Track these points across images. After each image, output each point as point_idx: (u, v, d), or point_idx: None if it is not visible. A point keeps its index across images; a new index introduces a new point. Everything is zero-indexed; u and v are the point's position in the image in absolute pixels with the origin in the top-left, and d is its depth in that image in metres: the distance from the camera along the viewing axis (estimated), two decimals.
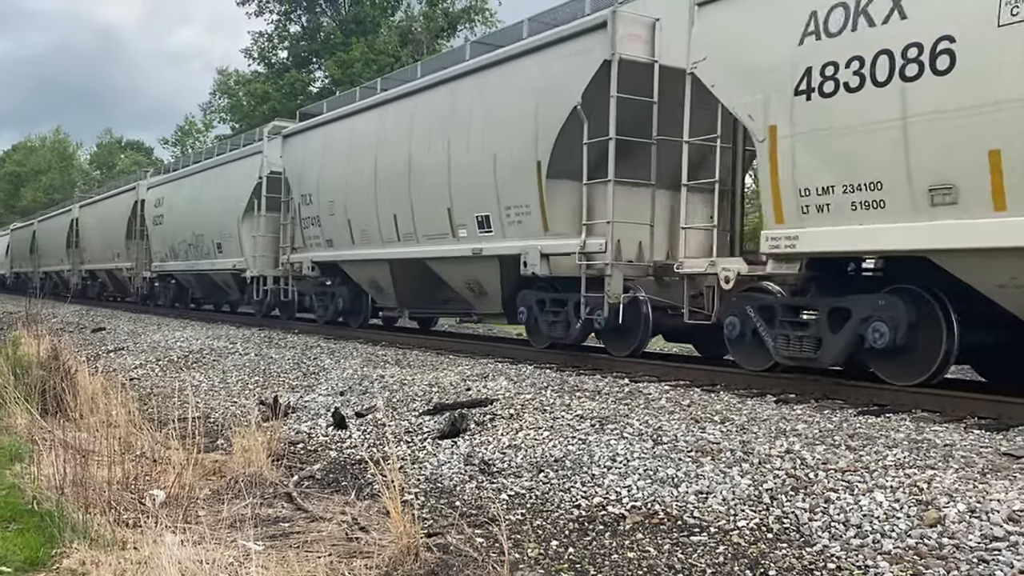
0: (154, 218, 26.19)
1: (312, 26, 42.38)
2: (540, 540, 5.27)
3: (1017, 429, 6.69)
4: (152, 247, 26.36)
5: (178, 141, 68.98)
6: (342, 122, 16.45)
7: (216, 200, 21.81)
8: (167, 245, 25.05)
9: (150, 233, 26.55)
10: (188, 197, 23.79)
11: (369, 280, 16.08)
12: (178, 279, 25.26)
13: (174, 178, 25.79)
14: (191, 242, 23.11)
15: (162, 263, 25.72)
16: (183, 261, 24.06)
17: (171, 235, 24.74)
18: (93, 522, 5.20)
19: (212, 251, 21.87)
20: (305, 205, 17.48)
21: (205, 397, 10.99)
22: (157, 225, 25.92)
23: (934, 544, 4.47)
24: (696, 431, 6.81)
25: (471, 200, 12.67)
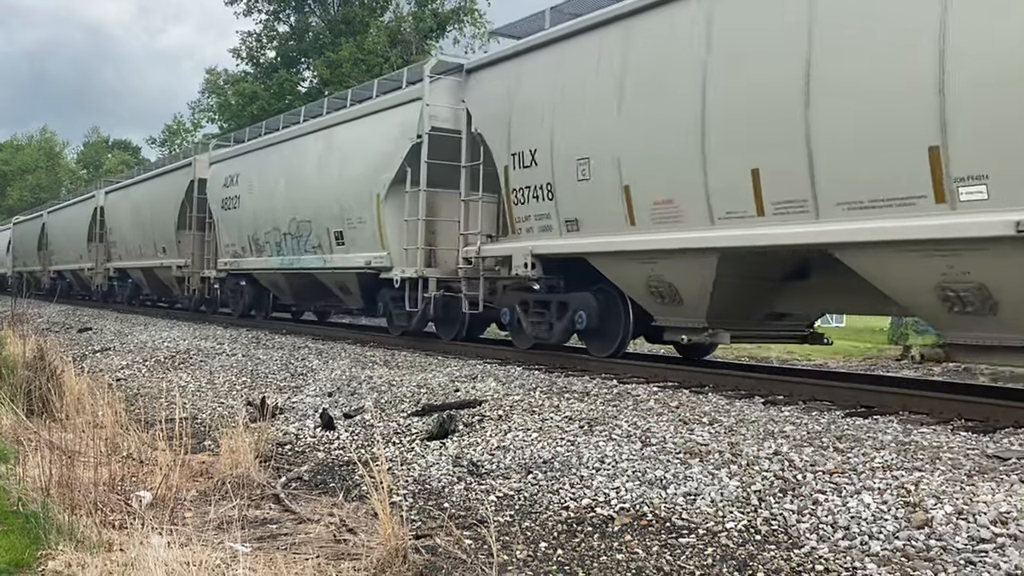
0: (223, 202, 20.71)
1: (301, 26, 42.22)
2: (529, 542, 5.27)
3: (1003, 431, 6.72)
4: (221, 240, 20.93)
5: (166, 141, 68.71)
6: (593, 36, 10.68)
7: (338, 173, 15.72)
8: (244, 237, 19.69)
9: (218, 221, 21.08)
10: (285, 171, 17.86)
11: None
12: (258, 280, 19.81)
13: (256, 147, 19.59)
14: (289, 231, 17.49)
15: (236, 259, 20.12)
16: (273, 257, 18.39)
17: (251, 223, 19.25)
18: (79, 524, 5.16)
19: (326, 243, 16.17)
20: (520, 169, 11.76)
21: (192, 398, 10.95)
22: (228, 211, 20.39)
23: (921, 546, 4.49)
24: (684, 432, 6.82)
25: None
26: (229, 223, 20.50)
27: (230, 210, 20.32)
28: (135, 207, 27.31)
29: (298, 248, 17.30)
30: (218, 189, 21.00)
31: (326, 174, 16.17)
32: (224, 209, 20.62)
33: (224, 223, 20.76)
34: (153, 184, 26.28)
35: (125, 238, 28.20)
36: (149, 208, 25.87)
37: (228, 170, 20.59)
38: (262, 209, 18.73)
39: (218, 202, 21.01)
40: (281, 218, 17.80)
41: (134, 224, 27.22)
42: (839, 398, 8.26)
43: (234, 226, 20.19)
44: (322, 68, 37.93)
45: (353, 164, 15.28)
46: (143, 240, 26.33)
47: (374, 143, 14.71)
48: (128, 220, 27.92)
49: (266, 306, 20.49)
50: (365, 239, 14.82)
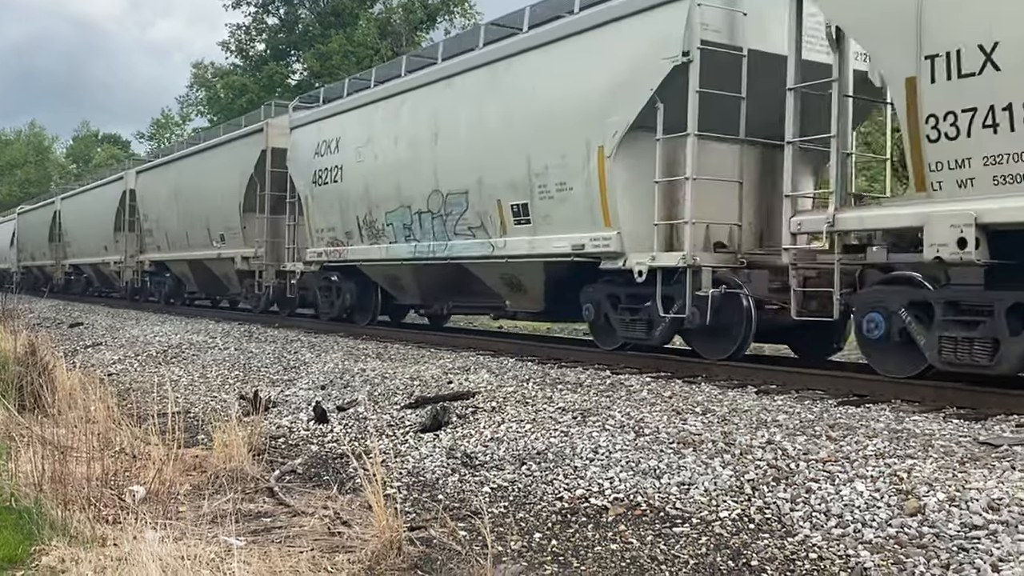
0: (315, 175, 16.24)
1: (290, 18, 42.10)
2: (523, 533, 5.27)
3: (995, 419, 6.74)
4: (311, 223, 16.55)
5: (154, 135, 68.51)
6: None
7: (525, 121, 11.27)
8: (349, 219, 15.32)
9: (307, 200, 16.66)
10: (423, 127, 13.27)
11: None
12: (368, 274, 15.62)
13: (367, 101, 14.99)
14: (429, 209, 13.23)
15: (337, 248, 15.84)
16: (398, 244, 14.10)
17: (362, 201, 14.86)
18: (72, 519, 5.15)
19: (494, 222, 11.94)
20: (963, 79, 7.13)
21: (185, 392, 10.93)
22: (323, 186, 16.00)
23: (914, 533, 4.50)
24: (678, 422, 6.83)
25: None
26: (325, 202, 15.93)
27: (326, 185, 15.81)
28: (178, 188, 22.84)
29: (442, 231, 12.96)
30: (306, 159, 16.51)
31: (500, 126, 11.69)
32: (317, 184, 16.08)
33: (317, 202, 16.22)
34: (205, 159, 21.64)
35: (165, 226, 23.65)
36: (200, 188, 21.36)
37: (321, 134, 16.08)
38: (381, 181, 14.22)
39: (306, 176, 16.47)
40: (414, 192, 13.41)
41: (178, 208, 22.73)
42: (832, 387, 8.27)
43: (333, 205, 15.65)
44: (312, 60, 37.85)
45: (553, 107, 10.80)
46: (191, 227, 21.87)
47: (594, 72, 10.28)
48: (169, 204, 23.44)
49: (372, 307, 16.02)
50: (572, 213, 10.57)
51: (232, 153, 20.10)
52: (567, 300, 11.35)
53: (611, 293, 10.49)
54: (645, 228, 9.87)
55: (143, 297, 26.90)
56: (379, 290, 15.73)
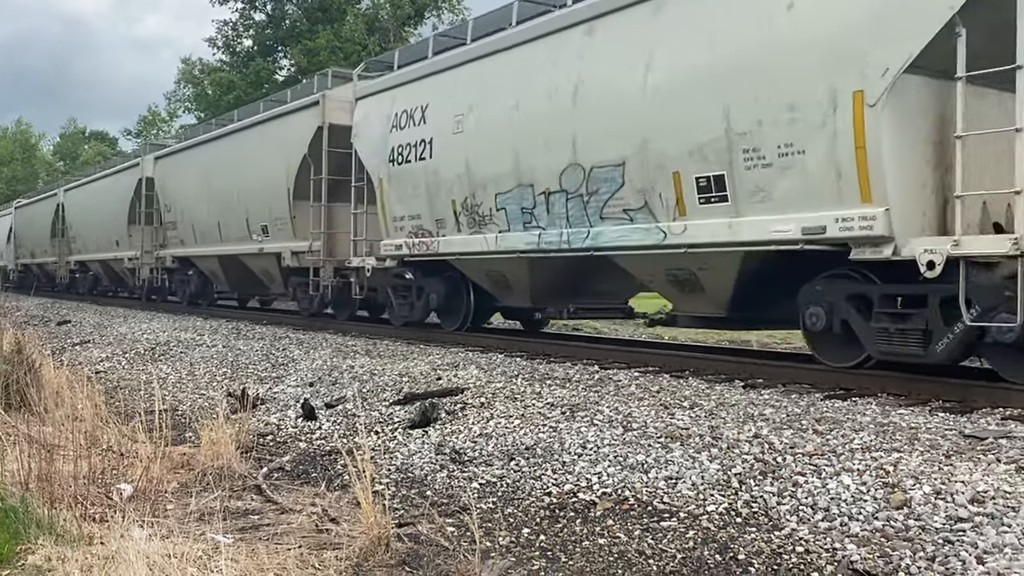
0: (392, 153, 13.49)
1: (277, 14, 41.95)
2: (511, 528, 5.28)
3: (980, 412, 6.79)
4: (387, 210, 13.77)
5: (141, 132, 68.23)
6: None
7: (730, 63, 8.57)
8: (440, 204, 12.64)
9: (382, 183, 13.81)
10: (558, 83, 10.51)
11: None
12: (459, 268, 12.98)
13: (461, 60, 12.42)
14: (563, 188, 10.50)
15: (422, 240, 13.10)
16: (513, 233, 11.42)
17: (462, 181, 12.19)
18: (59, 517, 5.13)
19: (661, 201, 9.30)
20: None
21: (172, 390, 10.90)
22: (404, 165, 13.26)
23: (900, 526, 4.53)
24: (665, 417, 6.85)
25: None
26: (406, 184, 13.27)
27: (407, 164, 13.17)
28: (208, 174, 20.09)
29: (581, 215, 10.31)
30: (378, 135, 13.88)
31: (679, 72, 9.08)
32: (395, 164, 13.44)
33: (395, 185, 13.54)
34: (244, 140, 18.76)
35: (192, 217, 20.96)
36: (237, 174, 18.63)
37: (398, 104, 13.48)
38: (490, 156, 11.60)
39: (379, 155, 13.84)
40: (539, 167, 10.82)
41: (209, 197, 20.05)
42: (818, 380, 8.30)
43: (418, 188, 12.99)
44: (299, 56, 37.73)
45: (773, 42, 8.19)
46: (225, 218, 19.30)
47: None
48: (197, 193, 20.65)
49: (464, 310, 13.30)
50: (803, 186, 8.04)
51: (279, 132, 17.04)
52: (762, 302, 9.21)
53: (855, 293, 8.08)
54: (919, 205, 7.61)
55: (161, 297, 24.39)
56: (472, 289, 13.09)
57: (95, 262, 28.65)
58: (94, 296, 29.39)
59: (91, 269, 29.69)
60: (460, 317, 13.32)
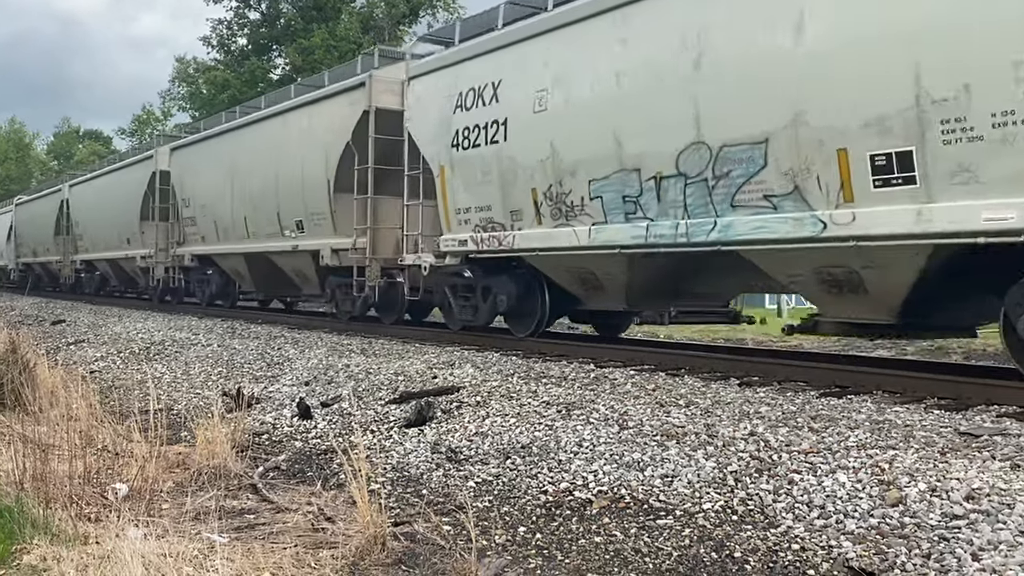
0: (456, 137, 12.09)
1: (271, 13, 41.91)
2: (507, 526, 5.28)
3: (975, 409, 6.81)
4: (451, 201, 12.35)
5: (135, 131, 68.09)
6: None
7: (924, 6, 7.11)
8: (516, 194, 11.22)
9: (445, 171, 12.38)
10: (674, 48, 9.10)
11: None
12: (535, 266, 11.56)
13: (549, 26, 10.82)
14: (674, 173, 9.20)
15: (492, 234, 11.72)
16: (612, 224, 9.99)
17: (544, 167, 10.71)
18: (54, 517, 5.12)
19: (816, 188, 7.94)
20: None
21: (168, 389, 10.88)
22: (470, 150, 11.92)
23: (896, 523, 4.53)
24: (661, 415, 6.85)
25: None
26: (473, 171, 11.82)
27: (475, 149, 11.73)
28: (233, 166, 18.61)
29: (705, 203, 8.88)
30: (437, 117, 12.49)
31: (845, 28, 7.61)
32: (459, 149, 11.99)
33: (459, 173, 12.09)
34: (274, 128, 17.10)
35: (214, 213, 19.44)
36: (267, 164, 17.03)
37: (462, 81, 12.03)
38: (582, 136, 10.12)
39: (440, 140, 12.38)
40: (648, 147, 9.34)
41: (233, 191, 18.45)
42: (814, 378, 8.32)
43: (489, 175, 11.55)
44: (294, 55, 37.72)
45: None
46: (253, 213, 17.69)
47: None
48: (220, 186, 19.03)
49: (538, 312, 11.88)
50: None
51: (318, 118, 15.48)
52: (940, 305, 8.12)
53: None
54: None
55: (177, 298, 23.09)
56: (548, 289, 11.67)
57: (103, 261, 27.17)
58: (101, 297, 28.28)
59: (98, 268, 28.23)
60: (533, 321, 11.90)
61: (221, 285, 20.55)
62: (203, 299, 21.45)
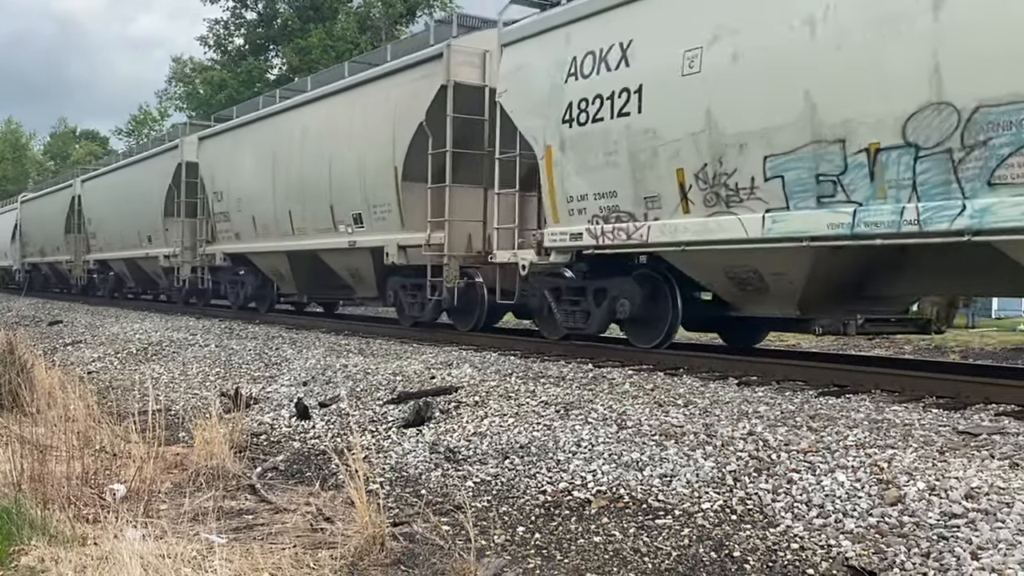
0: (570, 111, 10.19)
1: (268, 13, 41.90)
2: (506, 526, 5.27)
3: (974, 408, 6.81)
4: (560, 189, 10.47)
5: (132, 131, 68.04)
6: None
7: None
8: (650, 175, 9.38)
9: (554, 153, 10.43)
10: None
11: None
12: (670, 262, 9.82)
13: None
14: (900, 144, 7.29)
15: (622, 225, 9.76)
16: (800, 212, 8.08)
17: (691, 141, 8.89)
18: (52, 518, 5.11)
19: None
20: None
21: (165, 390, 10.86)
22: (589, 125, 9.97)
23: (895, 522, 4.53)
24: (660, 415, 6.85)
25: None
26: (595, 151, 9.84)
27: (595, 124, 9.77)
28: (274, 156, 16.59)
29: (946, 182, 7.08)
30: (541, 89, 10.53)
31: None
32: (574, 125, 10.03)
33: (573, 154, 10.13)
34: (321, 111, 15.20)
35: (252, 208, 17.45)
36: (313, 153, 15.20)
37: (575, 44, 10.09)
38: (751, 102, 8.28)
39: (546, 115, 10.41)
40: (857, 111, 7.54)
41: (275, 183, 16.56)
42: (812, 377, 8.32)
43: (615, 155, 9.59)
44: (291, 55, 37.73)
45: None
46: (298, 207, 15.80)
47: None
48: (258, 178, 17.22)
49: (666, 321, 10.03)
50: None
51: (384, 96, 13.51)
52: None
53: None
54: None
55: (204, 300, 21.40)
56: (679, 292, 9.89)
57: (119, 261, 25.33)
58: (116, 300, 26.98)
59: (113, 269, 26.45)
60: (660, 330, 10.00)
61: (257, 287, 18.70)
62: (236, 302, 19.64)
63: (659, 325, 10.04)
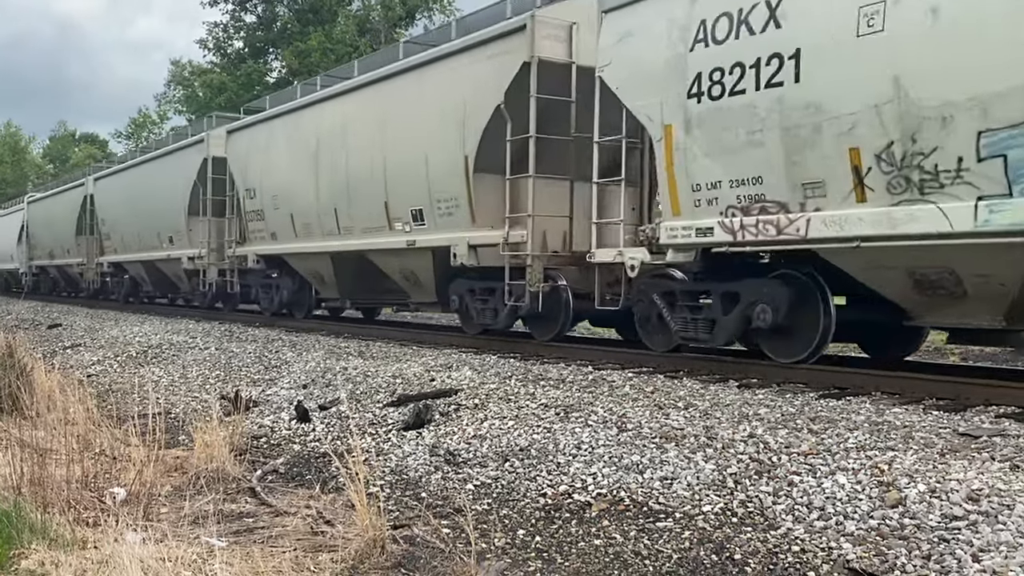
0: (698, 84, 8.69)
1: (268, 16, 41.94)
2: (507, 529, 5.27)
3: (974, 410, 6.81)
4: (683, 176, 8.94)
5: (132, 134, 68.10)
6: None
7: None
8: (808, 156, 7.88)
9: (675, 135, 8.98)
10: None
11: None
12: (828, 260, 8.26)
13: None
14: None
15: (768, 217, 8.25)
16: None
17: (875, 113, 7.33)
18: (52, 522, 5.11)
19: None
20: None
21: (165, 393, 10.85)
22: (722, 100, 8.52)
23: (896, 525, 4.53)
24: (660, 417, 6.84)
25: None
26: (733, 130, 8.40)
27: (734, 97, 8.34)
28: (320, 149, 15.06)
29: None
30: (656, 60, 9.07)
31: None
32: (704, 99, 8.61)
33: (702, 134, 8.69)
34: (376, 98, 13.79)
35: (296, 206, 15.93)
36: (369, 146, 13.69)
37: (702, 5, 8.69)
38: (963, 63, 6.81)
39: (665, 89, 8.97)
40: None
41: (318, 176, 15.10)
42: (812, 380, 8.31)
43: (760, 134, 8.17)
44: (291, 58, 37.75)
45: None
46: (344, 204, 14.42)
47: None
48: (298, 172, 15.70)
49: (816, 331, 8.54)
50: None
51: (447, 78, 12.21)
52: None
53: None
54: None
55: (231, 305, 20.12)
56: (827, 297, 8.50)
57: (136, 263, 23.77)
58: (131, 304, 25.59)
59: (129, 271, 24.99)
60: (808, 342, 8.56)
61: (293, 291, 17.21)
62: (269, 307, 18.14)
63: (806, 335, 8.59)
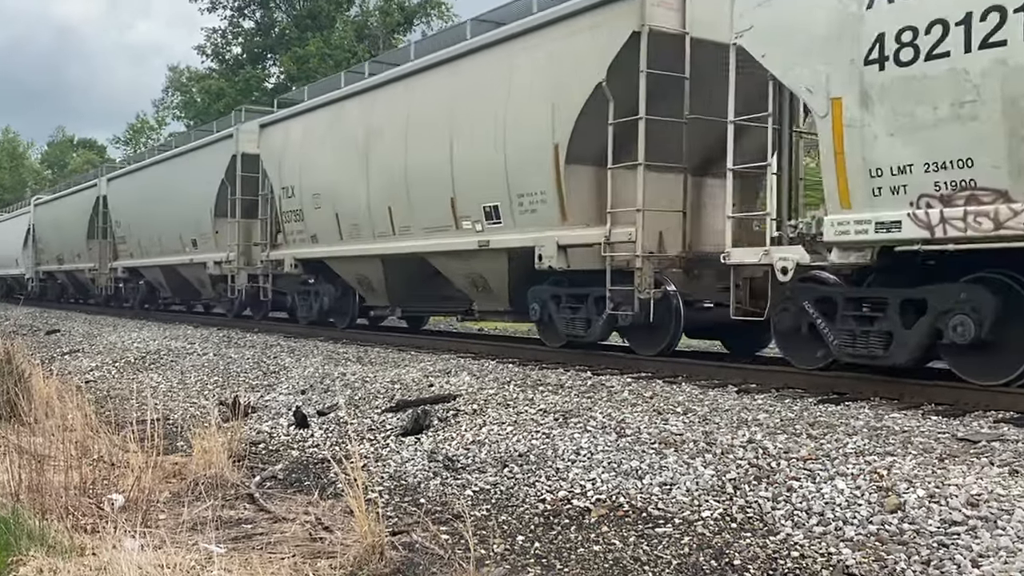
0: (889, 45, 7.01)
1: (266, 21, 41.99)
2: (506, 535, 5.26)
3: (973, 415, 6.80)
4: (858, 158, 7.28)
5: (130, 139, 68.13)
6: None
7: None
8: None
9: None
10: None
11: None
12: None
13: None
14: None
15: (988, 208, 6.56)
16: None
17: None
18: (50, 528, 5.10)
19: None
20: None
21: (163, 398, 10.82)
22: (922, 62, 6.84)
23: (895, 530, 4.53)
24: (659, 423, 6.84)
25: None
26: (929, 103, 6.85)
27: (929, 62, 6.80)
28: (369, 143, 13.70)
29: None
30: (815, 24, 7.58)
31: None
32: (887, 65, 7.05)
33: (883, 109, 7.13)
34: (441, 84, 12.36)
35: (341, 205, 14.49)
36: (434, 137, 12.26)
37: None
38: None
39: (833, 58, 7.42)
40: None
41: (369, 172, 13.67)
42: (812, 385, 8.30)
43: (967, 107, 6.62)
44: (289, 63, 37.78)
45: None
46: (404, 205, 12.99)
47: None
48: (350, 170, 14.14)
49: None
50: None
51: (531, 56, 10.74)
52: None
53: None
54: None
55: (261, 313, 18.62)
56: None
57: (154, 268, 22.33)
58: (147, 311, 24.27)
59: (145, 277, 23.60)
60: (1015, 365, 7.12)
61: (336, 298, 15.71)
62: (308, 316, 16.62)
63: (1014, 354, 7.14)
